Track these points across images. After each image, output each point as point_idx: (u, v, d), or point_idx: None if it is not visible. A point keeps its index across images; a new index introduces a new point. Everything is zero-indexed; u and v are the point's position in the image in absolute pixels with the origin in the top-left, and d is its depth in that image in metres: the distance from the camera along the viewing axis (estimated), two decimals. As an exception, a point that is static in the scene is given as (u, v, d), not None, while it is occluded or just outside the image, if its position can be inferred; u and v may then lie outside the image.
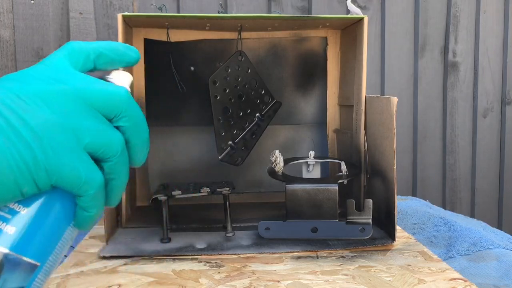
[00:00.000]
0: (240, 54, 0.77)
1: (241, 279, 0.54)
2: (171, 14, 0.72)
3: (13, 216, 0.33)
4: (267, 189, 0.88)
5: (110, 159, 0.35)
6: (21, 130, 0.31)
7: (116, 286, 0.52)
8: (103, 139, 0.34)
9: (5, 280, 0.32)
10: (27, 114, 0.32)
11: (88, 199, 0.34)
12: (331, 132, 0.87)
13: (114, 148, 0.35)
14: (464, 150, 1.37)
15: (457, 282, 0.52)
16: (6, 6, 1.09)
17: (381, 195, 0.67)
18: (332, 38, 0.85)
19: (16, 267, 0.32)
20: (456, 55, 1.34)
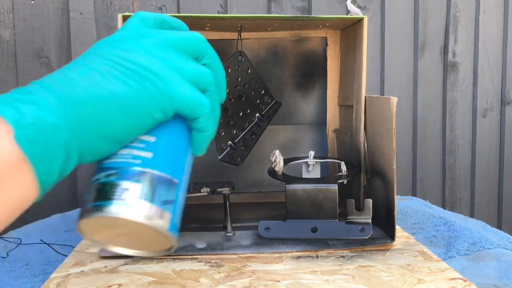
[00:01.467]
0: (240, 54, 0.77)
1: (241, 279, 0.54)
2: (171, 14, 0.72)
3: (146, 145, 0.39)
4: (267, 189, 0.88)
5: (207, 88, 0.41)
6: (141, 72, 0.37)
7: (116, 286, 0.53)
8: (198, 71, 0.40)
9: (159, 193, 0.38)
10: (141, 60, 0.38)
11: (204, 119, 0.41)
12: (331, 132, 0.87)
13: (208, 78, 0.41)
14: (464, 150, 1.37)
15: (457, 282, 0.52)
16: (7, 6, 1.09)
17: (381, 195, 0.67)
18: (332, 38, 0.85)
19: (163, 183, 0.38)
20: (456, 55, 1.34)
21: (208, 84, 0.41)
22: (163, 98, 0.38)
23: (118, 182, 0.37)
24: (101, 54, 0.38)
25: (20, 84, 1.10)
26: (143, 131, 0.38)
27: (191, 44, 0.41)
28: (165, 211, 0.38)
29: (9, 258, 0.69)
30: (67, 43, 1.11)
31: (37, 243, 0.75)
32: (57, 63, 1.11)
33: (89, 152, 0.36)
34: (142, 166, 0.38)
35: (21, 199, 0.33)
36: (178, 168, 0.41)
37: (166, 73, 0.38)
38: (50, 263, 0.67)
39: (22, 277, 0.62)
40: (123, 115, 0.36)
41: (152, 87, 0.37)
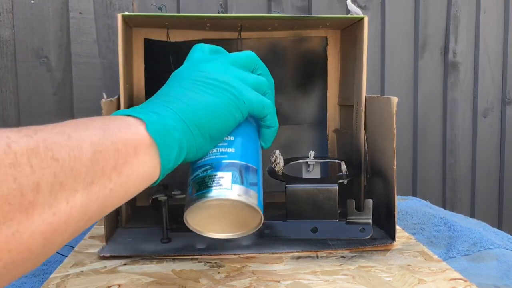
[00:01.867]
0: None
1: (241, 279, 0.54)
2: (171, 14, 0.72)
3: (228, 143, 0.50)
4: (267, 189, 0.88)
5: (266, 91, 0.53)
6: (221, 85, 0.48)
7: (116, 286, 0.52)
8: (257, 80, 0.52)
9: (247, 177, 0.48)
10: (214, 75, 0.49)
11: (270, 117, 0.53)
12: (331, 132, 0.87)
13: (264, 83, 0.53)
14: (464, 150, 1.37)
15: (457, 282, 0.52)
16: (6, 6, 1.09)
17: (381, 195, 0.67)
18: (332, 38, 0.85)
19: (247, 169, 0.49)
20: (456, 55, 1.34)
21: (266, 88, 0.53)
22: (240, 102, 0.49)
23: (214, 173, 0.47)
24: (185, 77, 0.49)
25: (19, 84, 1.10)
26: (228, 129, 0.49)
27: (247, 60, 0.53)
28: (253, 191, 0.48)
29: (8, 258, 0.69)
30: (66, 43, 1.11)
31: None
32: (57, 63, 1.11)
33: (193, 148, 0.46)
34: (229, 159, 0.48)
35: (148, 175, 0.42)
36: (255, 158, 0.51)
37: (237, 84, 0.49)
38: (49, 263, 0.67)
39: (21, 277, 0.62)
40: (215, 118, 0.47)
41: (232, 96, 0.48)
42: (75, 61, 1.12)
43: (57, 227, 0.33)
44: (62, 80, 1.12)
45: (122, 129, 0.41)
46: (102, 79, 1.13)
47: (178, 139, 0.44)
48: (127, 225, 0.73)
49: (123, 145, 0.40)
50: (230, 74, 0.50)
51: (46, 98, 1.11)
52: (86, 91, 1.12)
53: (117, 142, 0.39)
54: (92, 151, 0.36)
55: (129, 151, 0.40)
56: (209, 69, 0.50)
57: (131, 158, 0.40)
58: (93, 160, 0.36)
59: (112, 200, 0.39)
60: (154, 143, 0.42)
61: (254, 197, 0.48)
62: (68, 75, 1.12)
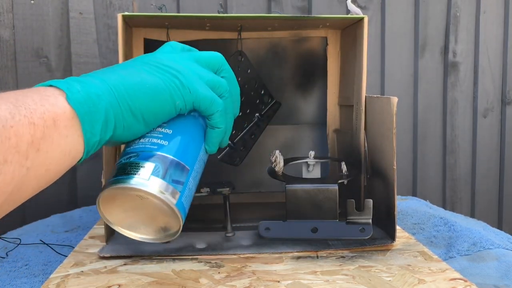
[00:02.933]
0: (240, 54, 0.77)
1: (241, 279, 0.53)
2: (171, 14, 0.72)
3: (163, 135, 0.47)
4: (267, 189, 0.88)
5: (222, 94, 0.50)
6: (168, 70, 0.46)
7: (116, 286, 0.52)
8: (216, 80, 0.49)
9: (170, 173, 0.45)
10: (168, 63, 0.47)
11: (217, 116, 0.49)
12: (331, 132, 0.87)
13: (223, 87, 0.50)
14: (464, 150, 1.37)
15: (457, 282, 0.52)
16: (6, 6, 1.09)
17: (381, 195, 0.67)
18: (332, 38, 0.85)
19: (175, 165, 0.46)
20: (456, 55, 1.34)
21: (223, 90, 0.50)
22: (184, 89, 0.46)
23: (136, 161, 0.44)
24: (138, 59, 0.48)
25: (19, 84, 1.10)
26: (165, 115, 0.46)
27: (211, 59, 0.51)
28: (174, 188, 0.44)
29: (8, 259, 0.69)
30: (66, 43, 1.11)
31: (37, 243, 0.75)
32: (57, 62, 1.11)
33: (121, 125, 0.43)
34: (158, 151, 0.45)
35: (71, 150, 0.39)
36: (190, 157, 0.48)
37: (189, 73, 0.47)
38: (49, 263, 0.67)
39: (21, 277, 0.62)
40: (150, 97, 0.44)
41: (176, 80, 0.46)
42: (75, 61, 1.12)
43: None
44: (62, 80, 1.12)
45: (38, 101, 0.37)
46: (102, 79, 1.13)
47: (103, 110, 0.41)
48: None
49: (40, 118, 0.36)
50: (185, 65, 0.48)
51: (46, 98, 1.11)
52: (86, 91, 1.12)
53: (31, 115, 0.36)
54: (1, 127, 0.33)
55: (48, 123, 0.37)
56: (165, 57, 0.48)
57: (51, 131, 0.37)
58: (3, 136, 0.33)
59: (31, 180, 0.36)
60: (75, 115, 0.39)
61: (174, 195, 0.44)
62: (68, 75, 1.12)
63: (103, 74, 0.44)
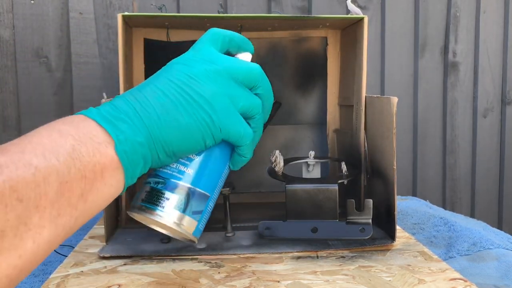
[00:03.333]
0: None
1: (241, 279, 0.53)
2: (171, 14, 0.72)
3: (190, 162, 0.49)
4: (267, 189, 0.88)
5: (254, 116, 0.49)
6: (200, 102, 0.45)
7: (116, 286, 0.52)
8: (250, 102, 0.48)
9: (191, 205, 0.48)
10: (200, 89, 0.45)
11: (245, 148, 0.50)
12: (331, 132, 0.87)
13: (257, 108, 0.49)
14: (464, 150, 1.37)
15: (457, 282, 0.52)
16: (6, 6, 1.09)
17: (381, 195, 0.67)
18: (332, 38, 0.85)
19: (196, 196, 0.49)
20: (456, 55, 1.34)
21: (256, 112, 0.49)
22: (215, 129, 0.46)
23: (163, 191, 0.48)
24: (172, 78, 0.46)
25: (19, 84, 1.10)
26: (194, 151, 0.47)
27: (248, 75, 0.48)
28: (193, 220, 0.49)
29: (8, 258, 0.69)
30: (66, 43, 1.11)
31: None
32: (57, 62, 1.11)
33: (155, 162, 0.45)
34: (183, 181, 0.48)
35: (112, 194, 0.42)
36: (212, 184, 0.51)
37: (221, 105, 0.46)
38: (49, 263, 0.67)
39: (21, 278, 0.62)
40: (184, 139, 0.45)
41: (209, 120, 0.45)
42: (75, 61, 1.12)
43: (22, 267, 0.33)
44: (62, 80, 1.12)
45: (91, 151, 0.39)
46: (102, 79, 1.13)
47: (143, 156, 0.43)
48: (127, 225, 0.73)
49: (91, 171, 0.38)
50: (220, 90, 0.46)
51: (46, 98, 1.11)
52: (86, 91, 1.12)
53: (84, 169, 0.38)
54: (58, 183, 0.35)
55: (97, 176, 0.39)
56: (201, 77, 0.46)
57: (98, 182, 0.39)
58: (59, 193, 0.35)
59: (77, 226, 0.38)
60: (120, 165, 0.41)
61: (192, 225, 0.49)
62: (68, 75, 1.12)
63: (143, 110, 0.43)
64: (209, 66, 0.46)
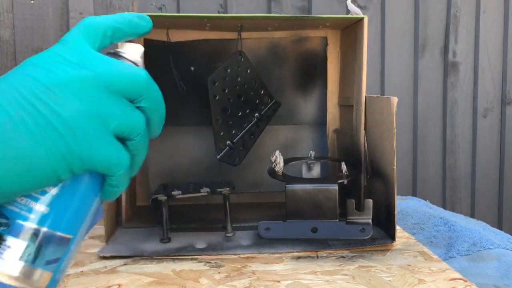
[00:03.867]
0: (240, 54, 0.77)
1: (241, 279, 0.53)
2: (171, 14, 0.72)
3: (43, 196, 0.35)
4: (267, 189, 0.88)
5: (134, 138, 0.37)
6: (55, 124, 0.33)
7: (116, 286, 0.52)
8: (129, 121, 0.36)
9: (44, 254, 0.35)
10: (58, 105, 0.33)
11: (118, 178, 0.38)
12: (331, 132, 0.87)
13: (138, 127, 0.37)
14: (464, 150, 1.37)
15: (457, 282, 0.52)
16: (6, 6, 1.09)
17: (381, 195, 0.67)
18: (332, 38, 0.85)
19: (52, 241, 0.36)
20: (456, 55, 1.34)
21: (136, 134, 0.37)
22: (74, 160, 0.34)
23: (5, 236, 0.35)
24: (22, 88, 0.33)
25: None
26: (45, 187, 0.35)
27: (129, 84, 0.36)
28: (46, 272, 0.36)
29: (8, 258, 0.69)
30: (67, 43, 1.11)
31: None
32: (57, 63, 1.11)
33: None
34: (34, 222, 0.35)
35: None
36: (75, 224, 0.38)
37: (86, 128, 0.34)
38: (49, 263, 0.67)
39: (21, 278, 0.62)
40: (25, 174, 0.33)
41: (64, 146, 0.33)
42: (75, 61, 1.12)
43: None
44: (62, 80, 1.12)
45: None
46: (102, 79, 1.13)
47: None
48: (127, 225, 0.73)
49: None
50: (86, 108, 0.34)
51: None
52: (86, 91, 1.12)
53: None
54: None
55: None
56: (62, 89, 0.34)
57: None
58: None
59: None
60: None
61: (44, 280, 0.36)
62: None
63: None
64: (76, 72, 0.35)
